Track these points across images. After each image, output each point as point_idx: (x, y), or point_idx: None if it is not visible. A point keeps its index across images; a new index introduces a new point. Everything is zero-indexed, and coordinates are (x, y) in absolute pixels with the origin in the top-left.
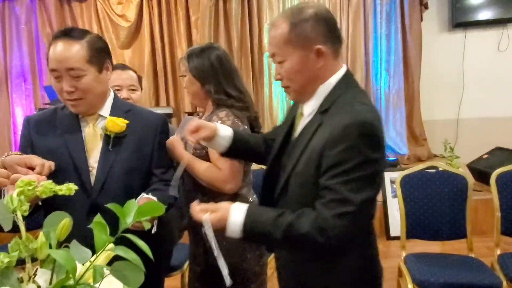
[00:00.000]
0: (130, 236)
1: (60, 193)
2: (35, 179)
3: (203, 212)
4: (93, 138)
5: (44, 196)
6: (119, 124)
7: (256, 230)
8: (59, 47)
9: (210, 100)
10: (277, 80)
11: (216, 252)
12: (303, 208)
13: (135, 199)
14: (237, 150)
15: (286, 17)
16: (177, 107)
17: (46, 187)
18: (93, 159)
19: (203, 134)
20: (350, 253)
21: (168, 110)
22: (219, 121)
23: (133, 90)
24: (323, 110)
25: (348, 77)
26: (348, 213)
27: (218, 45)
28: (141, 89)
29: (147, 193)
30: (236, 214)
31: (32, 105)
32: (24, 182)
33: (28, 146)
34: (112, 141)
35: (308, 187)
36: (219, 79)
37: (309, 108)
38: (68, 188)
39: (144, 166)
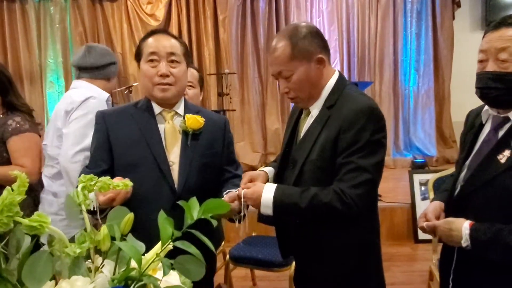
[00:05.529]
0: (194, 232)
1: (117, 188)
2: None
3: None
4: (173, 134)
5: (103, 191)
6: (199, 120)
7: (285, 201)
8: (162, 36)
9: None
10: (284, 93)
11: (244, 210)
12: None
13: (210, 193)
14: None
15: (285, 39)
16: (203, 106)
17: (104, 182)
18: (173, 155)
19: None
20: (351, 230)
21: None
22: (18, 125)
23: (190, 86)
24: (329, 106)
25: (342, 77)
26: (366, 181)
27: None
28: (201, 89)
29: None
30: (268, 188)
31: None
32: (86, 178)
33: (105, 140)
34: (190, 137)
35: (325, 170)
36: (5, 86)
37: (316, 109)
38: (125, 184)
39: (216, 163)
